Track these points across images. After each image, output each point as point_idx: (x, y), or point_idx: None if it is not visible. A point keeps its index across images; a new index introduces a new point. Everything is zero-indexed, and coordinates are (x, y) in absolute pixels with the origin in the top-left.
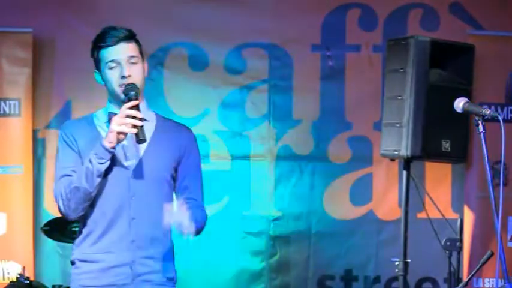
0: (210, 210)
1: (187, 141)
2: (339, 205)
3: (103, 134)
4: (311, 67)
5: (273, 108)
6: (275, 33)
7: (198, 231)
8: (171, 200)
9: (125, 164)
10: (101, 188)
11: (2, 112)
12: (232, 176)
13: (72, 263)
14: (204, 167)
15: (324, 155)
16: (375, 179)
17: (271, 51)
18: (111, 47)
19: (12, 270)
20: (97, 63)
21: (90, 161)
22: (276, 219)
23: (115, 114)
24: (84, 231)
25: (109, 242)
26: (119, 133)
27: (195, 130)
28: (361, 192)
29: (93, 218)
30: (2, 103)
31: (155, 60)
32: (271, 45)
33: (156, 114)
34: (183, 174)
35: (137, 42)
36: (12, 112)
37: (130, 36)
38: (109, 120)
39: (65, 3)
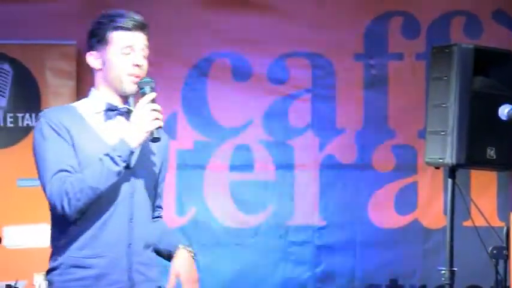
0: (254, 220)
1: (167, 144)
2: (383, 214)
3: (94, 126)
4: (354, 76)
5: (317, 117)
6: (318, 43)
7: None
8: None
9: None
10: None
11: None
12: (276, 186)
13: (54, 269)
14: (248, 176)
15: (368, 163)
16: (419, 188)
17: (314, 61)
18: (130, 32)
19: None
20: (100, 44)
21: (115, 162)
22: (320, 228)
23: (114, 106)
24: (72, 231)
25: (103, 245)
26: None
27: (240, 140)
28: (406, 201)
29: (86, 216)
30: None
31: (199, 70)
32: (314, 55)
33: None
34: (159, 179)
35: (147, 35)
36: None
37: (146, 27)
38: (108, 111)
39: None
